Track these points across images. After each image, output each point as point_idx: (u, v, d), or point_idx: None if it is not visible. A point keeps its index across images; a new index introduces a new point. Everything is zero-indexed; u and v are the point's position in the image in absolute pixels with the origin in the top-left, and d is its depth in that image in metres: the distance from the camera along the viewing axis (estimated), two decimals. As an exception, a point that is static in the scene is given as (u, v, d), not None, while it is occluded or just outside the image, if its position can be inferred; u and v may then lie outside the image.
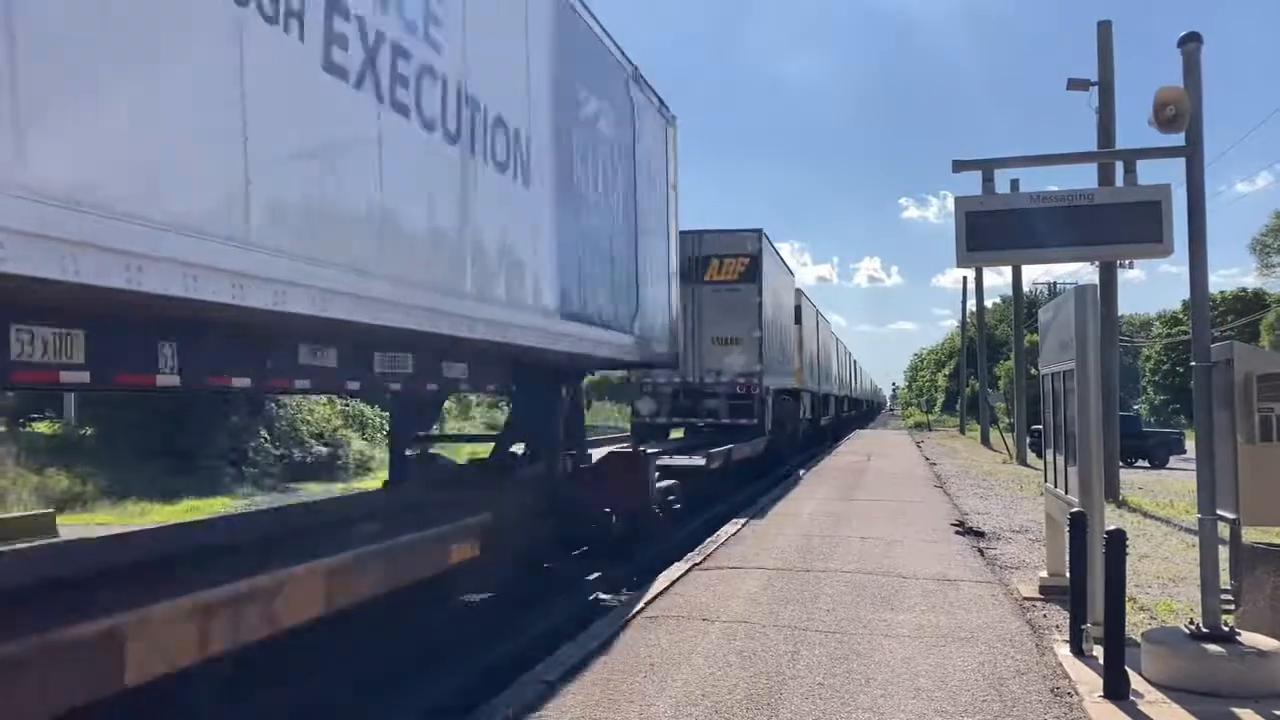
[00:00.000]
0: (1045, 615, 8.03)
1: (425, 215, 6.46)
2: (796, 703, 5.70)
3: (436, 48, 6.50)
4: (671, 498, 12.62)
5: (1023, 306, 35.42)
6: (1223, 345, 6.69)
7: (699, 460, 15.72)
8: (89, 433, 23.90)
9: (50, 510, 15.97)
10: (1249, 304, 71.31)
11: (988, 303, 53.03)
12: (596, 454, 11.65)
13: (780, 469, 23.88)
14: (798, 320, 28.69)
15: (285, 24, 4.97)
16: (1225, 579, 6.76)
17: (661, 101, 12.47)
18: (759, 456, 21.32)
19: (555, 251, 8.77)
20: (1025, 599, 8.63)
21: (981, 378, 46.39)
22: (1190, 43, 6.64)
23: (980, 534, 12.93)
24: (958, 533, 12.93)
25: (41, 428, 23.64)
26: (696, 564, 10.30)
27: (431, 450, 10.59)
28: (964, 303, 56.39)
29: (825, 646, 6.94)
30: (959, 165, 7.49)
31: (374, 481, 22.31)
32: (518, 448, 10.81)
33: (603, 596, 10.25)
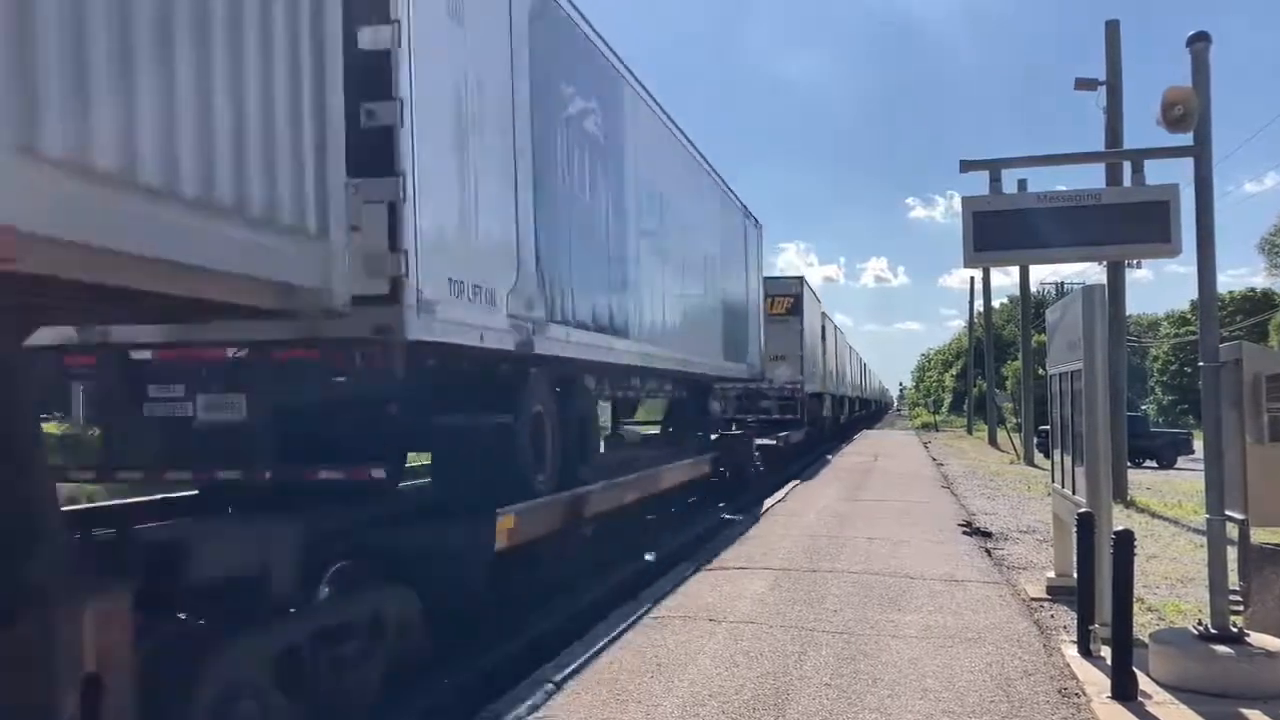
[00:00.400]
0: (1053, 616, 8.02)
1: (707, 322, 15.97)
2: (804, 703, 5.70)
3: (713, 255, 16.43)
4: (758, 463, 20.17)
5: (1030, 306, 35.36)
6: (1231, 345, 6.67)
7: (773, 440, 22.74)
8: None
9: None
10: (1258, 304, 71.13)
11: (995, 303, 52.92)
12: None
13: (811, 455, 31.09)
14: (823, 338, 36.41)
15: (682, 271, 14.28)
16: (1234, 579, 6.73)
17: (756, 219, 20.69)
18: (801, 442, 29.09)
19: (722, 324, 17.10)
20: (1032, 599, 8.61)
21: (989, 378, 46.32)
22: (1198, 42, 6.61)
23: (987, 534, 12.91)
24: (965, 533, 12.91)
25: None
26: (703, 564, 10.30)
27: (623, 430, 17.90)
28: (971, 303, 56.40)
29: (832, 647, 6.93)
30: (966, 165, 7.46)
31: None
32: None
33: (726, 516, 16.23)
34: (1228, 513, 6.44)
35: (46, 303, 3.60)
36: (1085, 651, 6.61)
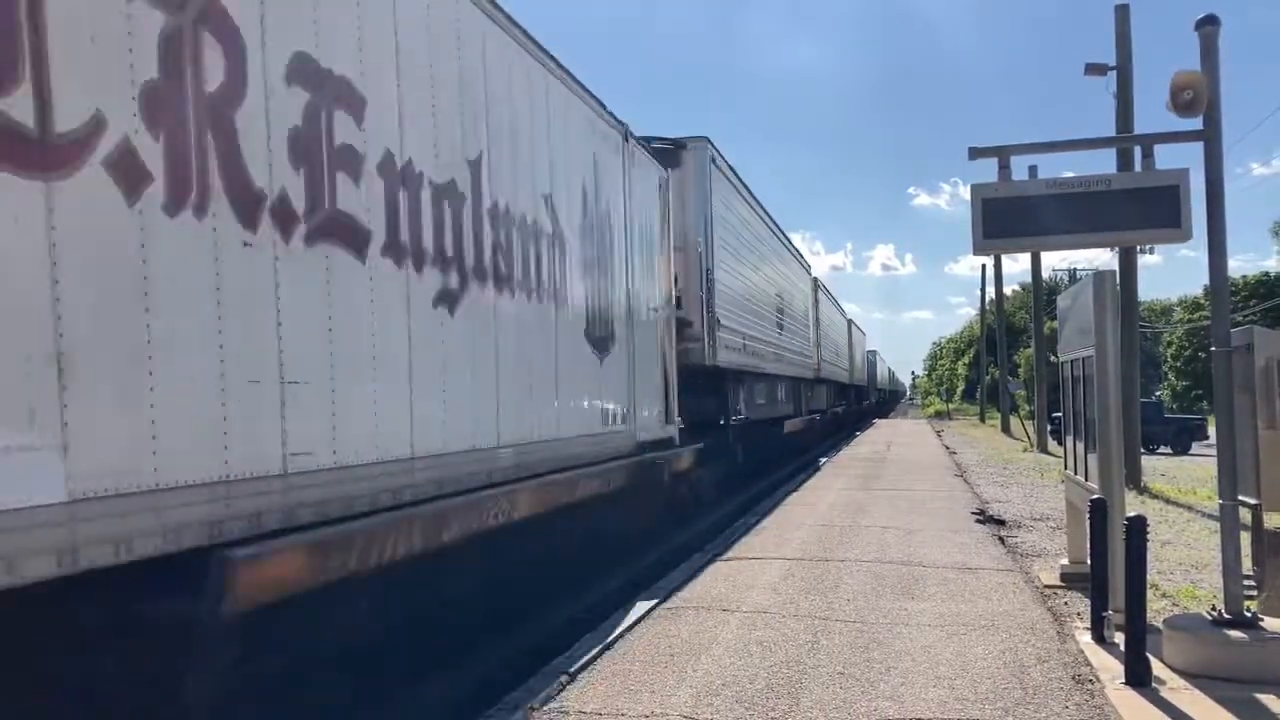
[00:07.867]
0: (1066, 603, 8.02)
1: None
2: (817, 691, 5.72)
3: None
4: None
5: (1042, 293, 35.24)
6: (1243, 330, 6.64)
7: (816, 415, 32.12)
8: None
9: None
10: (1270, 288, 70.54)
11: (1006, 290, 52.87)
12: None
13: (845, 430, 40.69)
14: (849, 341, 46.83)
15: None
16: (1248, 565, 6.72)
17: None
18: (837, 418, 39.81)
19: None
20: (1046, 587, 8.61)
21: (1001, 365, 46.19)
22: (1208, 25, 6.57)
23: (1001, 522, 12.89)
24: (978, 521, 12.90)
25: None
26: (717, 555, 10.33)
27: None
28: (983, 290, 56.05)
29: (846, 636, 6.95)
30: (976, 152, 7.42)
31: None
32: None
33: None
34: (1241, 498, 6.43)
35: None
36: (1099, 638, 6.61)
